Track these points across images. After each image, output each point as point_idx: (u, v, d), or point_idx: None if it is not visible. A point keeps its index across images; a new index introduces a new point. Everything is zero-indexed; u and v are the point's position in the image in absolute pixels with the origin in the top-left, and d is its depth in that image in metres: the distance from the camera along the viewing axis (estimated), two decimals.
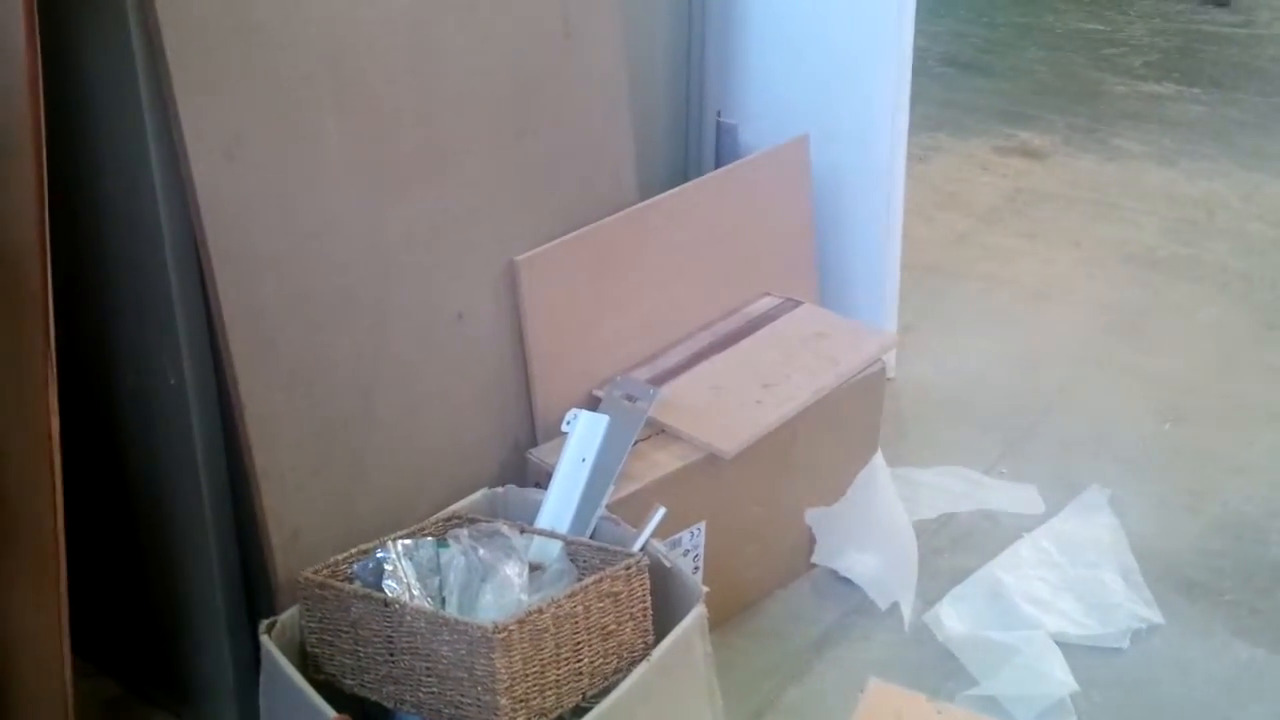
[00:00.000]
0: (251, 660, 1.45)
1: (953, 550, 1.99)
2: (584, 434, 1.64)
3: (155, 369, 1.46)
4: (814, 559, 1.93)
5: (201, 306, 1.41)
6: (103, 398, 1.54)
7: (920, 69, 2.20)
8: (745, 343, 1.94)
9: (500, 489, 1.65)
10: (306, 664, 1.40)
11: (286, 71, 1.41)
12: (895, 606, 1.86)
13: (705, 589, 1.47)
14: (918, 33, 2.17)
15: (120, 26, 1.31)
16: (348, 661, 1.38)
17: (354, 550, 1.45)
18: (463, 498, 1.62)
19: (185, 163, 1.34)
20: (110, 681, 1.70)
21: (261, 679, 1.42)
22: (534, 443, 1.75)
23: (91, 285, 1.48)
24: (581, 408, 1.68)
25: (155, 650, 1.65)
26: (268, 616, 1.43)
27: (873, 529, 1.91)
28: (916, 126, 2.29)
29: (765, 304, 2.03)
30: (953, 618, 1.84)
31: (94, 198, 1.43)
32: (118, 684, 1.71)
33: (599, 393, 1.76)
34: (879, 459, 1.95)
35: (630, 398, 1.72)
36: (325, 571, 1.41)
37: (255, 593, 1.52)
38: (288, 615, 1.43)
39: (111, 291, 1.48)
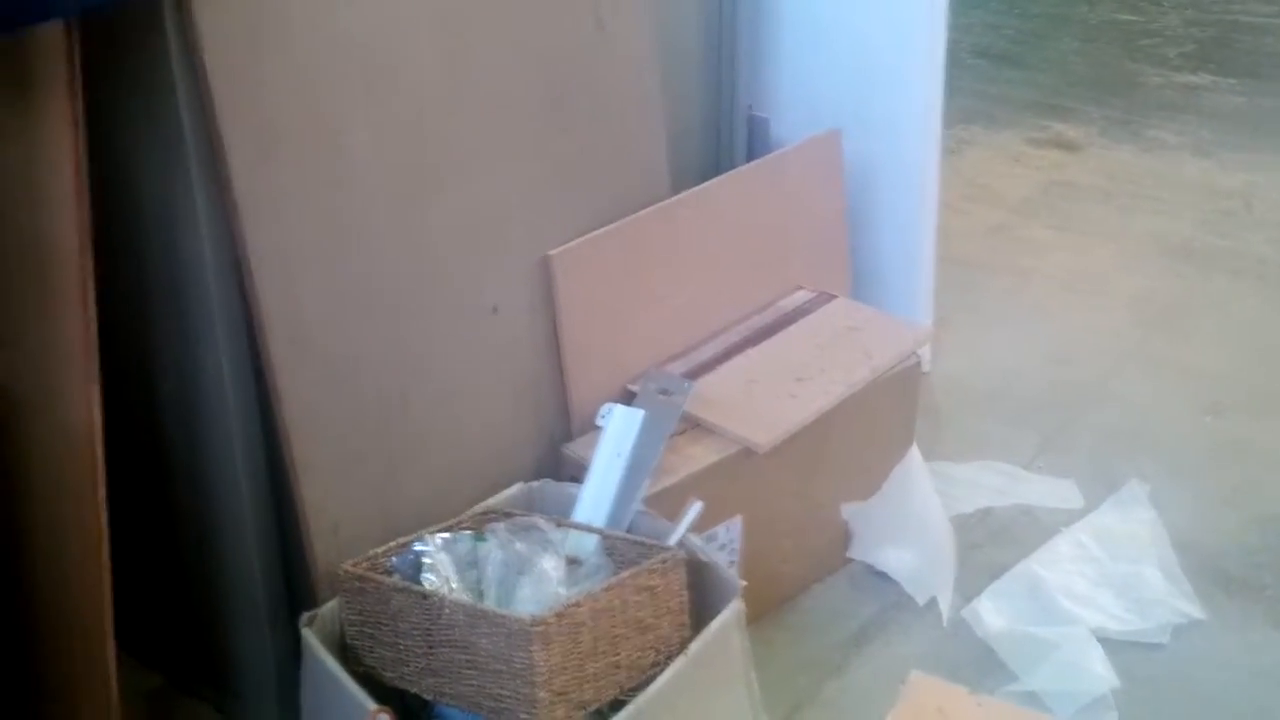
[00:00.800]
0: (292, 653, 1.46)
1: (991, 545, 1.98)
2: (619, 428, 1.64)
3: (195, 365, 1.47)
4: (850, 554, 1.93)
5: (240, 303, 1.42)
6: (144, 394, 1.55)
7: (953, 60, 2.19)
8: (778, 336, 1.93)
9: (536, 483, 1.65)
10: (347, 656, 1.41)
11: (321, 72, 1.41)
12: (933, 602, 1.85)
13: (743, 583, 1.47)
14: (950, 24, 2.15)
15: (158, 30, 1.32)
16: (387, 654, 1.38)
17: (392, 543, 1.46)
18: (498, 492, 1.63)
19: (223, 163, 1.35)
20: (153, 674, 1.72)
21: (302, 672, 1.43)
22: (569, 437, 1.75)
23: (130, 282, 1.49)
24: (616, 402, 1.68)
25: (197, 643, 1.67)
26: (308, 609, 1.44)
27: (909, 524, 1.90)
28: (949, 118, 2.27)
29: (798, 298, 2.03)
30: (992, 613, 1.83)
31: (132, 197, 1.45)
32: (161, 676, 1.72)
33: (633, 387, 1.76)
34: (915, 453, 1.94)
35: (665, 392, 1.72)
36: (364, 564, 1.42)
37: (295, 586, 1.53)
38: (327, 608, 1.44)
39: (151, 287, 1.49)
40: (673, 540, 1.51)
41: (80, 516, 1.35)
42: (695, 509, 1.53)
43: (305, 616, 1.43)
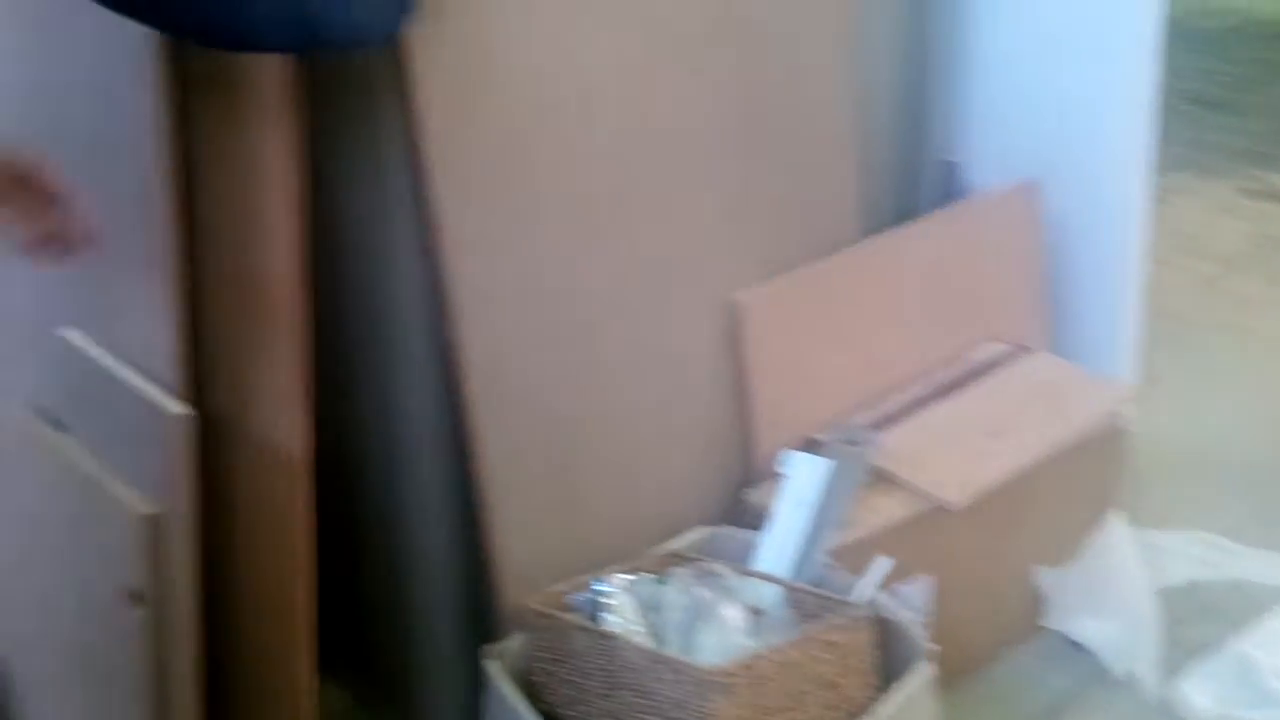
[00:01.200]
0: (475, 684, 1.48)
1: (1198, 620, 1.86)
2: (804, 478, 1.61)
3: (394, 399, 1.51)
4: (1044, 622, 1.84)
5: (438, 342, 1.46)
6: (341, 422, 1.60)
7: (1162, 106, 2.09)
8: (971, 390, 1.87)
9: (717, 528, 1.64)
10: (529, 692, 1.42)
11: (523, 113, 1.45)
12: (1132, 677, 1.75)
13: (934, 646, 1.42)
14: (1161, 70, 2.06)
15: (370, 67, 1.37)
16: (568, 692, 1.39)
17: (575, 581, 1.46)
18: (676, 535, 1.62)
19: (432, 203, 1.39)
20: (340, 693, 1.77)
21: (484, 703, 1.44)
22: (749, 483, 1.73)
23: (331, 312, 1.54)
24: (800, 450, 1.65)
25: (385, 666, 1.71)
26: (493, 642, 1.45)
27: (1110, 593, 1.81)
28: (1158, 166, 2.17)
29: (992, 350, 1.96)
30: (1198, 694, 1.71)
31: (336, 227, 1.50)
32: (348, 696, 1.77)
33: (820, 436, 1.73)
34: (1117, 518, 1.84)
35: (852, 442, 1.68)
36: (547, 601, 1.43)
37: (481, 618, 1.55)
38: (512, 643, 1.45)
39: (351, 319, 1.55)
40: (859, 596, 1.47)
41: (286, 541, 1.41)
42: (884, 565, 1.49)
43: (490, 649, 1.44)
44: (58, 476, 1.56)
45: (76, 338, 1.52)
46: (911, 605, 1.65)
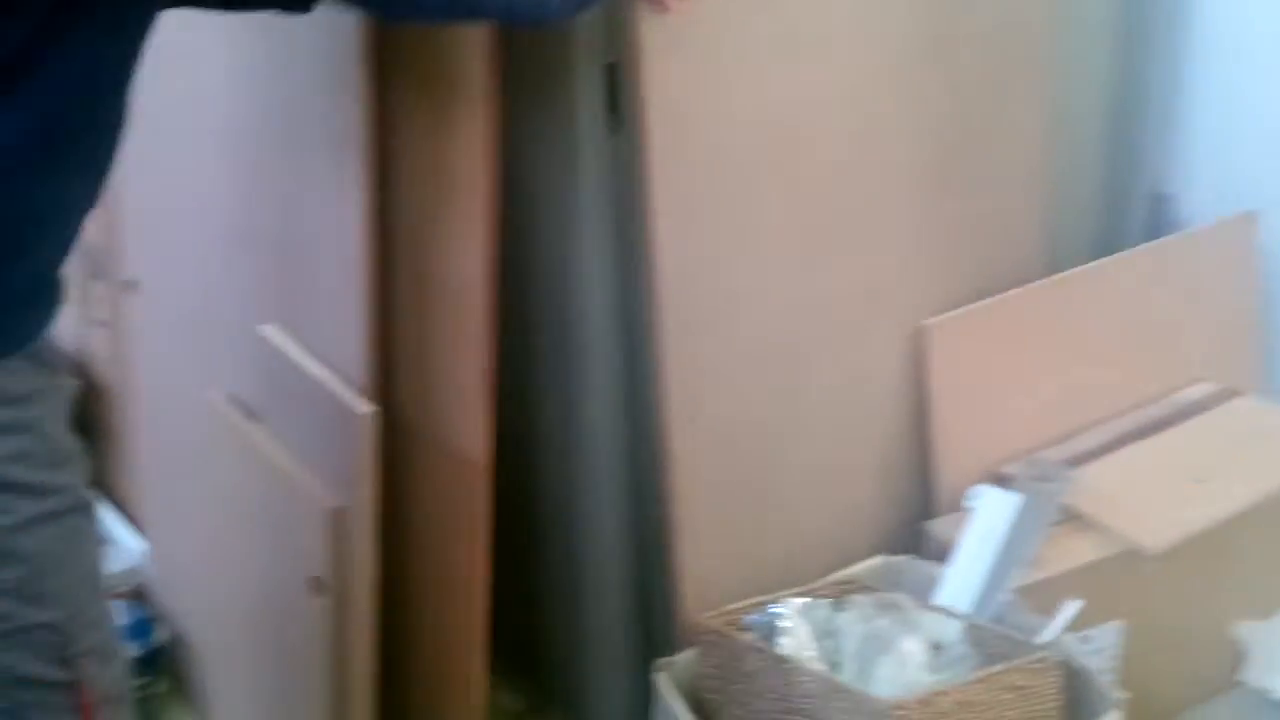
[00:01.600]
0: (645, 697, 1.47)
1: None
2: (991, 512, 1.55)
3: (577, 411, 1.52)
4: (1241, 676, 1.72)
5: (625, 355, 1.46)
6: (521, 426, 1.62)
7: None
8: (1172, 432, 1.77)
9: (897, 558, 1.59)
10: (697, 709, 1.40)
11: (744, 143, 1.45)
12: None
13: (1124, 695, 1.34)
14: None
15: (570, 99, 1.38)
16: (737, 713, 1.36)
17: (749, 601, 1.44)
18: (850, 562, 1.58)
19: (649, 228, 1.39)
20: (511, 694, 1.77)
21: (653, 717, 1.43)
22: (930, 515, 1.67)
23: (517, 318, 1.56)
24: (987, 484, 1.59)
25: (555, 672, 1.71)
26: (664, 656, 1.44)
27: None
28: None
29: (1197, 392, 1.85)
30: None
31: (529, 231, 1.52)
32: (519, 698, 1.77)
33: (1008, 470, 1.66)
34: None
35: (1043, 479, 1.61)
36: (722, 619, 1.42)
37: (653, 631, 1.55)
38: (682, 657, 1.44)
39: (539, 327, 1.56)
40: (1046, 638, 1.40)
41: (465, 542, 1.43)
42: (1073, 608, 1.42)
43: (660, 663, 1.43)
44: (250, 465, 1.62)
45: (274, 334, 1.58)
46: (1100, 651, 1.57)
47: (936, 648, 1.40)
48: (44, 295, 1.03)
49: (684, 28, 1.34)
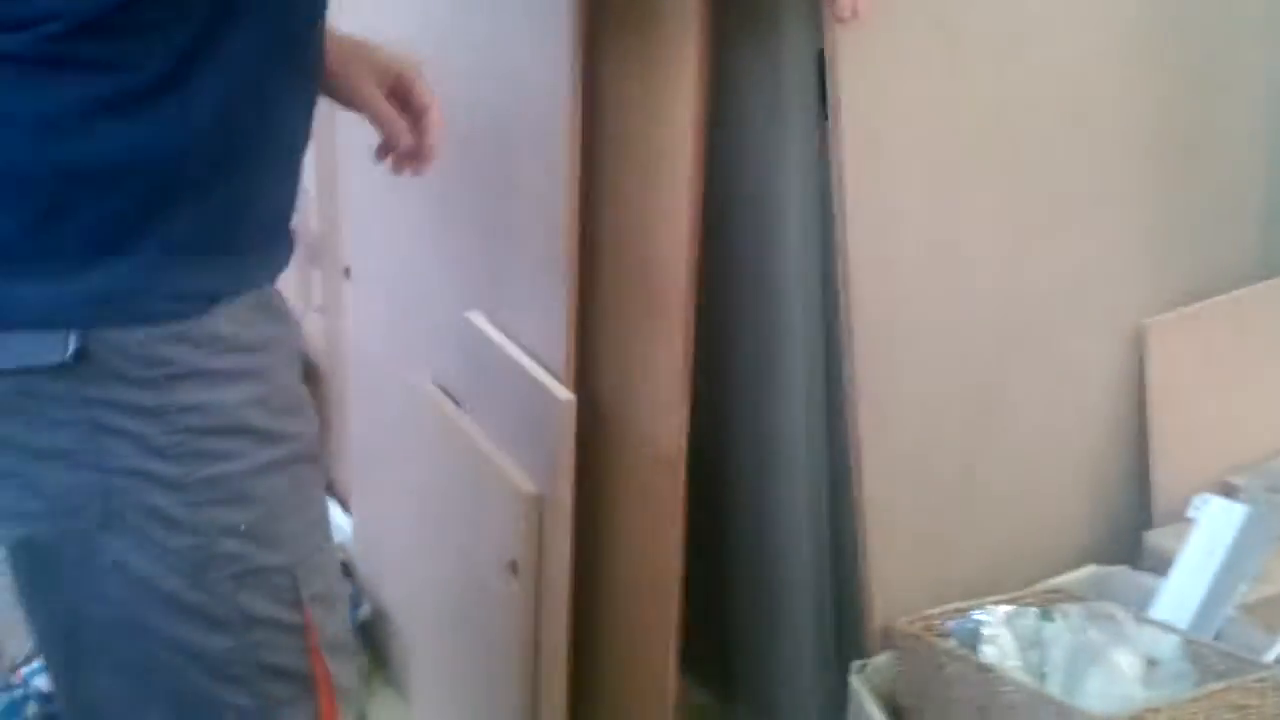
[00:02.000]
0: (838, 699, 1.44)
1: None
2: (1215, 523, 1.45)
3: (772, 406, 1.50)
4: None
5: (826, 356, 1.44)
6: (714, 421, 1.61)
7: None
8: None
9: (1111, 568, 1.51)
10: (892, 713, 1.37)
11: (946, 140, 1.40)
12: None
13: None
14: None
15: (779, 90, 1.36)
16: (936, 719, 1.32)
17: (949, 607, 1.40)
18: (1056, 571, 1.51)
19: (841, 232, 1.35)
20: (700, 689, 1.77)
21: (849, 718, 1.40)
22: (1146, 524, 1.59)
23: (715, 311, 1.54)
24: (1211, 494, 1.50)
25: (746, 669, 1.70)
26: (857, 658, 1.41)
27: None
28: None
29: None
30: None
31: (729, 221, 1.50)
32: (708, 693, 1.77)
33: (1235, 480, 1.56)
34: None
35: (1274, 489, 1.50)
36: (919, 624, 1.38)
37: (846, 633, 1.52)
38: (878, 660, 1.41)
39: (735, 322, 1.54)
40: (1271, 657, 1.31)
41: (659, 533, 1.43)
42: None
43: (856, 664, 1.40)
44: (453, 450, 1.66)
45: (479, 320, 1.62)
46: None
47: (1152, 663, 1.33)
48: (281, 237, 1.04)
49: (880, 18, 1.30)
